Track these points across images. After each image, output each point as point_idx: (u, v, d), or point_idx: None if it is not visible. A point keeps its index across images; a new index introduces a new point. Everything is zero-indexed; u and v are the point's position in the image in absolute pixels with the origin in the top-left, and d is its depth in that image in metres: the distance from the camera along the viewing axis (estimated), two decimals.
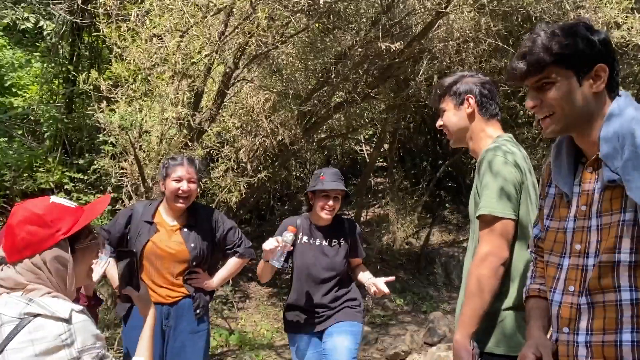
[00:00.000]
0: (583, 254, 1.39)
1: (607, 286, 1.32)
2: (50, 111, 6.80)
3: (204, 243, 2.86)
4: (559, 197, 1.49)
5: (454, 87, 2.04)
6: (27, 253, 1.39)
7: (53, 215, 1.43)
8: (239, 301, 6.65)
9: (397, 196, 8.24)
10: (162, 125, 4.03)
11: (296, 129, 5.21)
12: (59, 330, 1.31)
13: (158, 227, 2.83)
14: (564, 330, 1.40)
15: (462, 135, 2.05)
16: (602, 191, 1.36)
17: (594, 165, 1.41)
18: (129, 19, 3.76)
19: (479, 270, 1.77)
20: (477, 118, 2.01)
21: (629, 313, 1.29)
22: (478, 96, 2.01)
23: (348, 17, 5.26)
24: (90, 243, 1.50)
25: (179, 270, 2.82)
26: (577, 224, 1.41)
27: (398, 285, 7.46)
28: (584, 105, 1.37)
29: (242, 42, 3.99)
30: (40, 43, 7.98)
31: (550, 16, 5.53)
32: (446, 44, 5.27)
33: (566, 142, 1.49)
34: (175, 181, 2.77)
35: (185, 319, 2.82)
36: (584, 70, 1.36)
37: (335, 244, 3.00)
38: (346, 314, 2.97)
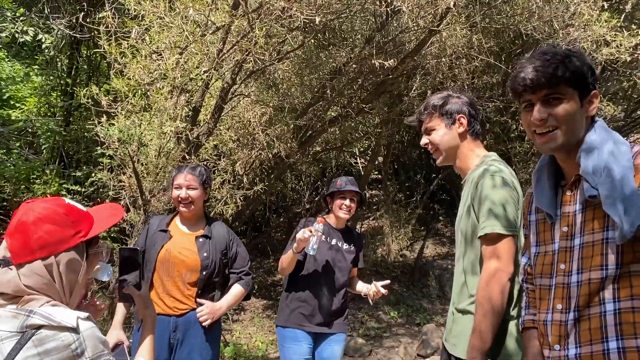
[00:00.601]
0: (567, 272, 1.46)
1: (594, 301, 1.40)
2: (48, 124, 6.85)
3: (217, 256, 2.88)
4: (541, 223, 1.57)
5: (444, 107, 2.09)
6: (41, 254, 1.29)
7: (75, 216, 1.36)
8: (233, 313, 6.68)
9: (391, 209, 8.32)
10: (160, 139, 4.10)
11: (292, 142, 5.30)
12: (68, 340, 1.23)
13: (172, 234, 2.89)
14: (556, 348, 1.47)
15: (453, 153, 2.10)
16: (583, 211, 1.44)
17: (572, 187, 1.49)
18: (129, 35, 3.85)
19: (489, 288, 1.81)
20: (467, 138, 2.08)
21: (612, 322, 1.36)
22: (468, 116, 2.08)
23: (343, 34, 5.38)
24: (99, 249, 1.44)
25: (190, 279, 2.83)
26: (560, 244, 1.49)
27: (392, 298, 7.51)
28: (580, 126, 1.45)
29: (239, 59, 4.08)
30: (39, 56, 8.06)
31: (540, 34, 5.66)
32: (439, 61, 5.38)
33: (547, 167, 1.56)
34: (176, 188, 2.88)
35: (192, 332, 2.82)
36: (585, 94, 1.44)
37: (347, 247, 3.26)
38: (342, 325, 3.23)
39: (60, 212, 1.34)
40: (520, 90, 1.47)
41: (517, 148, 8.00)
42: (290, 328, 3.15)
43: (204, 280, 2.85)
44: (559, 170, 1.55)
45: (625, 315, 1.35)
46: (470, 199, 1.95)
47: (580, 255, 1.43)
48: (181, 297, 2.83)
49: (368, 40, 5.04)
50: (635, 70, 6.54)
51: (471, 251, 1.97)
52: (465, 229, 1.98)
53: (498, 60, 6.34)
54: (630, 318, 1.35)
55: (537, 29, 5.62)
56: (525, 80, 1.44)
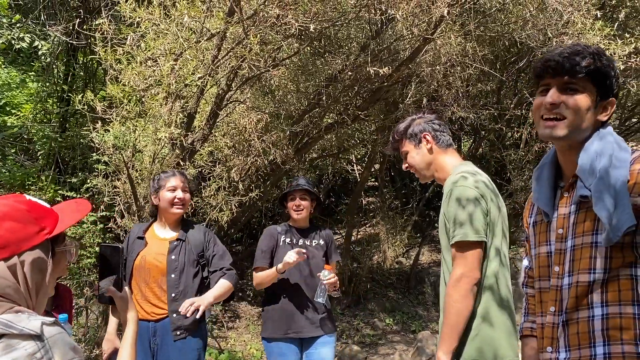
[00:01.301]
0: (561, 275, 1.46)
1: (582, 304, 1.40)
2: (44, 130, 6.85)
3: (189, 258, 2.88)
4: (539, 224, 1.57)
5: (408, 130, 2.28)
6: (3, 254, 1.19)
7: (38, 212, 1.26)
8: (228, 320, 6.66)
9: (387, 215, 8.32)
10: (155, 145, 4.11)
11: (288, 149, 5.31)
12: (32, 349, 1.13)
13: (147, 240, 2.91)
14: (548, 350, 1.48)
15: (428, 169, 2.26)
16: (577, 212, 1.44)
17: (570, 189, 1.48)
18: (124, 42, 3.87)
19: (454, 291, 1.93)
20: (436, 150, 2.23)
21: (600, 327, 1.36)
22: (432, 132, 2.24)
23: (338, 42, 5.41)
24: (67, 247, 1.35)
25: (164, 284, 2.84)
26: (555, 246, 1.49)
27: (388, 305, 7.50)
28: (588, 126, 1.43)
29: (234, 66, 4.09)
30: (35, 62, 8.07)
31: (535, 42, 5.70)
32: (434, 69, 5.41)
33: (548, 165, 1.56)
34: (170, 190, 2.89)
35: (170, 337, 2.81)
36: (603, 96, 1.43)
37: (316, 244, 3.24)
38: (328, 326, 3.18)
39: (22, 209, 1.24)
40: (540, 71, 1.46)
41: (512, 155, 8.02)
42: (274, 341, 3.11)
43: (175, 282, 2.82)
44: (560, 171, 1.55)
45: (612, 321, 1.35)
46: (443, 208, 2.08)
47: (571, 257, 1.43)
48: (158, 302, 2.83)
49: (363, 47, 5.07)
50: (629, 79, 6.57)
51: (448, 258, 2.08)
52: (442, 236, 2.11)
53: (492, 68, 6.38)
54: (617, 323, 1.35)
55: (531, 37, 5.66)
56: (548, 62, 1.43)
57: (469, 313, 1.93)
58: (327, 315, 3.20)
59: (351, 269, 7.41)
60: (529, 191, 8.22)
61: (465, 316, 1.92)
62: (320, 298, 3.01)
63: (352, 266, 7.40)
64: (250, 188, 5.23)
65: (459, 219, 1.98)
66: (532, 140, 8.17)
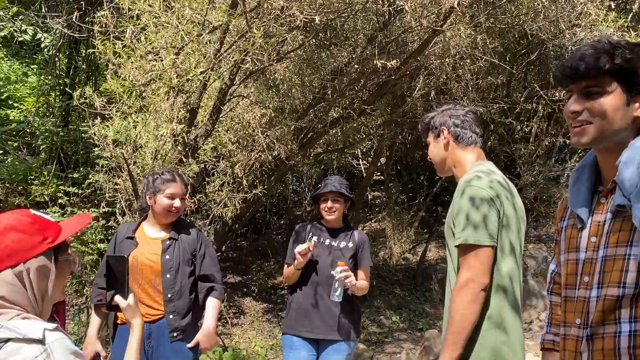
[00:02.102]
0: (589, 286, 1.36)
1: (609, 319, 1.30)
2: (46, 124, 6.78)
3: (184, 257, 2.83)
4: (571, 229, 1.46)
5: (431, 122, 2.20)
6: (10, 262, 1.30)
7: (40, 224, 1.38)
8: (233, 317, 6.59)
9: (393, 211, 8.21)
10: (156, 141, 4.01)
11: (292, 144, 5.20)
12: (34, 353, 1.22)
13: (138, 240, 2.82)
14: None
15: (444, 164, 2.19)
16: (612, 221, 1.32)
17: (608, 195, 1.37)
18: (124, 35, 3.76)
19: (460, 296, 1.83)
20: (453, 147, 2.14)
21: (626, 344, 1.27)
22: (452, 127, 2.14)
23: (344, 34, 5.28)
24: (69, 257, 1.46)
25: (159, 285, 2.77)
26: (586, 255, 1.39)
27: (394, 302, 7.41)
28: (623, 126, 1.31)
29: (238, 59, 3.98)
30: (37, 55, 7.99)
31: (546, 34, 5.56)
32: (442, 61, 5.28)
33: (588, 167, 1.45)
34: (168, 197, 2.80)
35: (166, 338, 2.76)
36: (636, 91, 1.30)
37: (344, 245, 3.16)
38: (347, 331, 3.07)
39: (26, 221, 1.36)
40: (559, 79, 1.37)
41: (521, 150, 7.89)
42: (288, 335, 3.11)
43: (170, 283, 2.77)
44: (600, 174, 1.43)
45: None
46: (452, 207, 2.00)
47: (602, 268, 1.33)
48: (152, 304, 2.77)
49: (370, 40, 4.95)
50: None
51: (454, 258, 2.00)
52: (449, 236, 2.03)
53: (502, 60, 6.24)
54: None
55: (543, 29, 5.52)
56: (565, 68, 1.35)
57: (475, 319, 1.83)
58: (348, 319, 3.07)
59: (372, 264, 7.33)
60: (538, 186, 8.12)
61: (471, 322, 1.82)
62: (335, 297, 2.90)
63: None
64: (254, 184, 5.14)
65: (469, 220, 1.88)
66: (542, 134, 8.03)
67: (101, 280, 2.81)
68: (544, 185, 8.23)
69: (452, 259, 2.03)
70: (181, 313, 2.79)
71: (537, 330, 6.70)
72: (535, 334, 6.60)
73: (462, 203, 1.91)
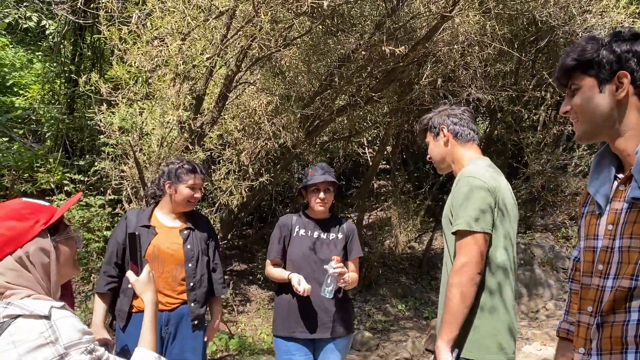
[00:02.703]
0: (604, 275, 1.35)
1: (620, 308, 1.30)
2: (52, 111, 6.76)
3: (201, 246, 2.90)
4: (590, 215, 1.45)
5: (429, 123, 2.34)
6: (8, 250, 1.35)
7: (30, 209, 1.42)
8: (239, 304, 6.60)
9: (399, 199, 8.18)
10: (162, 128, 3.98)
11: (298, 132, 5.16)
12: (40, 328, 1.27)
13: (157, 229, 2.83)
14: (580, 351, 1.39)
15: (443, 161, 2.31)
16: (628, 211, 1.31)
17: (626, 182, 1.35)
18: (130, 21, 3.72)
19: (457, 279, 1.94)
20: (453, 144, 2.27)
21: (634, 333, 1.26)
22: (450, 125, 2.27)
23: (352, 20, 5.21)
24: (69, 235, 1.49)
25: (180, 274, 2.82)
26: (603, 243, 1.37)
27: (400, 290, 7.40)
28: (604, 112, 1.35)
29: (244, 45, 3.93)
30: (42, 42, 7.95)
31: (556, 20, 5.47)
32: (451, 48, 5.22)
33: (609, 153, 1.44)
34: (190, 188, 2.85)
35: (184, 325, 2.82)
36: (605, 78, 1.35)
37: (333, 237, 3.01)
38: (343, 326, 2.94)
39: (16, 208, 1.42)
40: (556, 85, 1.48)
41: (529, 138, 7.83)
42: (281, 339, 2.93)
43: (192, 272, 2.84)
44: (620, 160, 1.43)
45: None
46: (450, 197, 2.13)
47: (619, 259, 1.32)
48: (171, 293, 2.81)
49: (378, 26, 4.88)
50: None
51: (451, 246, 2.11)
52: (446, 224, 2.15)
53: (511, 47, 6.16)
54: None
55: (553, 15, 5.43)
56: (555, 79, 1.48)
57: (471, 302, 1.94)
58: (343, 315, 2.95)
59: (363, 254, 7.31)
60: (546, 175, 8.07)
61: (467, 305, 1.93)
62: (327, 292, 2.74)
63: (363, 251, 7.30)
64: (260, 172, 5.11)
65: (467, 208, 2.00)
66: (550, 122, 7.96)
67: (109, 268, 2.82)
68: (552, 174, 8.18)
69: (448, 247, 2.14)
70: (201, 301, 2.87)
71: (544, 319, 6.69)
72: (541, 323, 6.58)
73: (461, 192, 2.04)
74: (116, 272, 2.83)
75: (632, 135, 1.34)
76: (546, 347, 5.73)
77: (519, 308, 6.97)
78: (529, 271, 7.34)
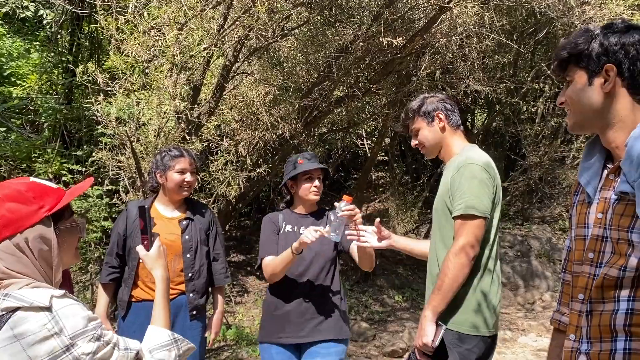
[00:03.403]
0: (596, 263, 1.36)
1: (608, 297, 1.31)
2: (49, 101, 6.74)
3: (200, 236, 2.89)
4: (580, 204, 1.46)
5: (422, 108, 2.35)
6: (6, 233, 1.28)
7: (35, 192, 1.34)
8: (236, 295, 6.63)
9: (397, 191, 8.19)
10: (159, 119, 3.98)
11: (297, 123, 5.16)
12: (42, 321, 1.22)
13: (155, 220, 2.82)
14: (570, 337, 1.40)
15: (437, 147, 2.36)
16: (617, 202, 1.32)
17: (616, 172, 1.36)
18: (127, 11, 3.70)
19: (455, 258, 2.06)
20: (447, 129, 2.34)
21: (622, 322, 1.27)
22: (445, 111, 2.34)
23: (350, 11, 5.19)
24: (73, 224, 1.42)
25: (178, 265, 2.82)
26: (592, 231, 1.38)
27: (397, 281, 7.44)
28: (593, 104, 1.37)
29: (241, 35, 3.92)
30: (39, 32, 7.91)
31: (555, 12, 5.45)
32: (449, 39, 5.20)
33: (600, 142, 1.44)
34: (179, 173, 2.83)
35: (181, 315, 2.82)
36: (594, 70, 1.36)
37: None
38: (333, 329, 2.68)
39: (22, 190, 1.33)
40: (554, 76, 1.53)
41: (527, 130, 7.83)
42: (265, 344, 2.70)
43: (190, 262, 2.83)
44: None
45: (637, 317, 1.26)
46: (450, 183, 2.18)
47: (611, 249, 1.33)
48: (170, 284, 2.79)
49: (376, 17, 4.86)
50: None
51: (445, 229, 2.21)
52: (442, 208, 2.22)
53: (510, 39, 6.15)
54: None
55: (552, 6, 5.42)
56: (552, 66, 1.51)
57: (463, 281, 2.07)
58: (336, 315, 2.69)
59: None
60: (543, 167, 8.07)
61: (459, 284, 2.06)
62: (333, 235, 2.40)
63: None
64: (258, 163, 5.11)
65: (470, 193, 2.09)
66: (548, 114, 7.96)
67: (111, 259, 2.83)
68: (549, 166, 8.19)
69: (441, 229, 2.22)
70: (200, 292, 2.87)
71: (540, 311, 6.73)
72: (537, 314, 6.62)
73: (465, 177, 2.12)
74: (117, 263, 2.86)
75: (621, 127, 1.35)
76: (542, 338, 5.77)
77: (515, 299, 7.01)
78: (526, 263, 7.37)
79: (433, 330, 2.06)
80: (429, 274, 2.27)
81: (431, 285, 2.22)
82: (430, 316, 2.07)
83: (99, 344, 1.27)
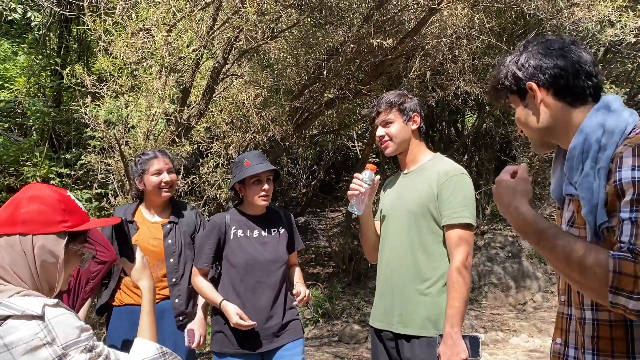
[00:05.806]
0: None
1: (576, 302, 1.31)
2: (38, 104, 6.68)
3: (184, 240, 2.82)
4: (557, 211, 1.48)
5: (403, 104, 2.34)
6: (21, 229, 1.28)
7: (67, 206, 1.36)
8: None
9: None
10: (148, 121, 3.95)
11: (287, 125, 5.15)
12: (34, 329, 1.18)
13: (138, 224, 2.80)
14: (557, 341, 1.39)
15: (404, 146, 2.35)
16: (570, 203, 1.35)
17: None
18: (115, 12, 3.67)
19: (466, 272, 2.13)
20: (416, 135, 2.37)
21: (590, 333, 1.26)
22: (420, 117, 2.36)
23: (340, 12, 5.19)
24: (83, 250, 1.40)
25: (161, 270, 2.76)
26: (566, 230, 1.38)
27: None
28: (541, 121, 1.39)
29: (231, 37, 3.90)
30: (27, 34, 7.85)
31: (544, 13, 5.48)
32: (439, 41, 5.22)
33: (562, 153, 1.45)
34: (155, 174, 2.78)
35: (166, 320, 2.74)
36: (520, 92, 1.40)
37: (275, 232, 2.69)
38: (293, 332, 2.65)
39: (55, 198, 1.35)
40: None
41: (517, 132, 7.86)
42: (226, 357, 2.56)
43: (174, 267, 2.76)
44: None
45: (602, 328, 1.24)
46: (437, 189, 2.20)
47: None
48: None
49: (366, 18, 4.86)
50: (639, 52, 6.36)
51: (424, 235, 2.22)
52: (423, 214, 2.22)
53: (499, 40, 6.17)
54: (607, 332, 1.23)
55: (541, 8, 5.45)
56: None
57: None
58: (291, 319, 2.65)
59: (352, 247, 7.32)
60: (534, 168, 8.10)
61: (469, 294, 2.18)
62: (356, 209, 2.29)
63: (352, 244, 7.31)
64: None
65: (466, 204, 2.18)
66: None
67: None
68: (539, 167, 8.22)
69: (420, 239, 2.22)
70: (185, 297, 2.79)
71: (531, 311, 6.74)
72: (528, 314, 6.64)
73: (459, 187, 2.19)
74: None
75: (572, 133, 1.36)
76: (533, 338, 5.78)
77: (507, 300, 7.03)
78: (517, 264, 7.39)
79: (464, 346, 2.08)
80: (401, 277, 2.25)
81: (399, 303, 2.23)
82: (457, 331, 2.08)
83: (91, 355, 1.25)
